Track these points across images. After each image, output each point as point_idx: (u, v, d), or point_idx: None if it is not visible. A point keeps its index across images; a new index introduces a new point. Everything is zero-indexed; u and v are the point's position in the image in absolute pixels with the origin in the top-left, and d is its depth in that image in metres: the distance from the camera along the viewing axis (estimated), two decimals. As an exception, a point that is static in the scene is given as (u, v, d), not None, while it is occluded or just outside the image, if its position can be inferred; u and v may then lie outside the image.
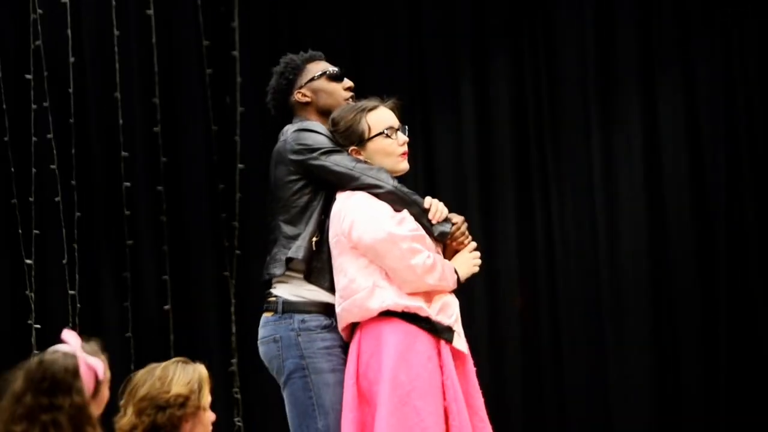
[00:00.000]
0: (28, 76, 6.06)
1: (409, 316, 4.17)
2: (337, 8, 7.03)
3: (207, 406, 3.76)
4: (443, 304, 4.24)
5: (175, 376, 3.71)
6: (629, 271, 6.76)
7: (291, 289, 4.33)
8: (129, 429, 3.66)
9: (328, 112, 4.46)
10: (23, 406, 3.04)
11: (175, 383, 3.69)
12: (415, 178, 6.56)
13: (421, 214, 4.31)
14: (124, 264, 6.33)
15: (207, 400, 3.77)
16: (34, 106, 6.07)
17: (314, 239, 4.31)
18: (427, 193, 4.45)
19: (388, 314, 4.17)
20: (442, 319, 4.21)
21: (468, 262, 4.38)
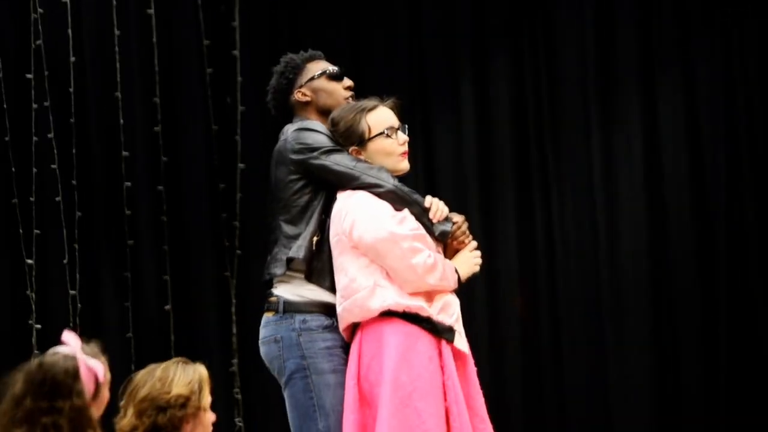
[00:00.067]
0: (28, 76, 6.05)
1: (410, 317, 4.17)
2: (337, 8, 7.02)
3: (207, 406, 3.76)
4: (444, 304, 4.23)
5: (176, 377, 3.70)
6: (629, 271, 6.76)
7: (292, 289, 4.32)
8: (129, 430, 3.65)
9: (328, 112, 4.46)
10: (23, 409, 3.04)
11: (175, 384, 3.69)
12: (416, 178, 6.55)
13: (422, 214, 4.31)
14: (125, 264, 6.32)
15: (207, 400, 3.76)
16: (34, 106, 6.06)
17: (315, 239, 4.31)
18: (428, 193, 4.44)
19: (388, 315, 4.17)
20: (443, 319, 4.20)
21: (469, 261, 4.38)
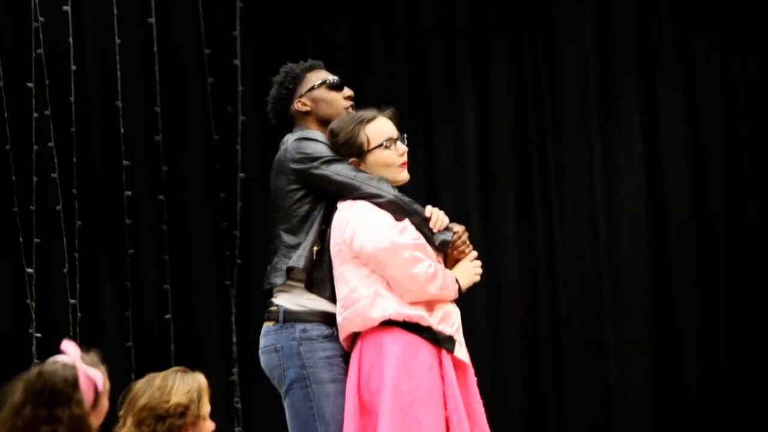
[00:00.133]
0: (29, 84, 6.06)
1: (411, 326, 4.17)
2: (338, 17, 7.03)
3: (207, 415, 3.76)
4: (444, 314, 4.23)
5: (175, 386, 3.71)
6: (629, 271, 6.77)
7: (292, 299, 4.32)
8: (129, 439, 3.66)
9: (328, 121, 4.46)
10: (23, 417, 3.04)
11: (174, 393, 3.69)
12: (416, 178, 6.55)
13: (423, 224, 4.31)
14: (125, 273, 6.33)
15: (206, 409, 3.77)
16: (35, 115, 6.07)
17: (315, 249, 4.31)
18: (428, 192, 4.45)
19: (389, 324, 4.17)
20: (443, 329, 4.20)
21: (469, 271, 4.37)
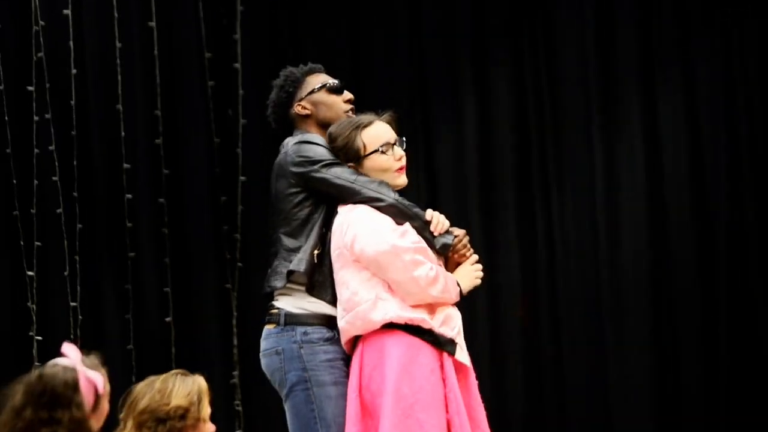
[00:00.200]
0: (30, 88, 6.07)
1: (412, 329, 4.17)
2: (339, 21, 7.03)
3: (207, 417, 3.77)
4: (446, 317, 4.23)
5: (175, 388, 3.71)
6: (629, 271, 6.77)
7: (294, 302, 4.32)
8: (129, 441, 3.66)
9: (329, 125, 4.45)
10: (23, 419, 3.05)
11: (174, 395, 3.70)
12: (416, 179, 6.56)
13: (423, 227, 4.31)
14: (126, 276, 6.33)
15: (207, 411, 3.77)
16: (36, 118, 6.08)
17: (316, 252, 4.31)
18: (429, 195, 4.44)
19: (390, 327, 4.17)
20: (444, 332, 4.20)
21: (470, 274, 4.38)
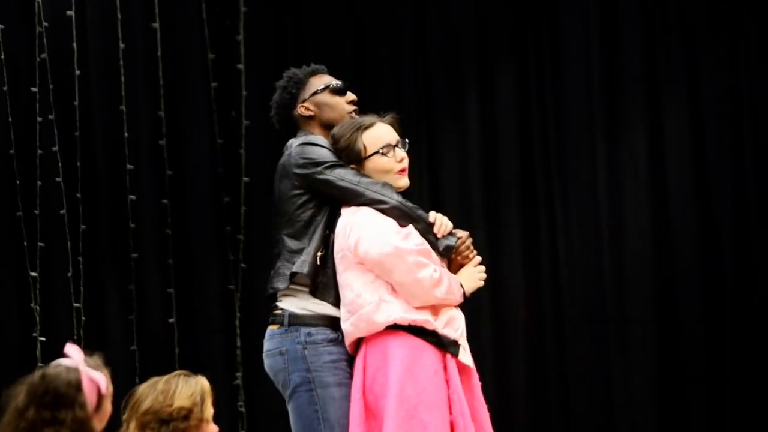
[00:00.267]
0: (33, 89, 6.07)
1: (416, 330, 4.17)
2: (343, 22, 7.04)
3: (210, 418, 3.77)
4: (449, 318, 4.23)
5: (178, 389, 3.71)
6: (633, 271, 6.79)
7: (298, 303, 4.32)
8: (132, 443, 3.66)
9: (332, 126, 4.45)
10: (26, 420, 3.05)
11: (177, 396, 3.70)
12: (420, 189, 6.57)
13: (427, 229, 4.31)
14: (129, 277, 6.33)
15: (210, 412, 3.77)
16: (39, 119, 6.07)
17: (319, 254, 4.31)
18: (433, 206, 4.44)
19: (394, 328, 4.17)
20: (448, 333, 4.20)
21: (473, 276, 4.38)
